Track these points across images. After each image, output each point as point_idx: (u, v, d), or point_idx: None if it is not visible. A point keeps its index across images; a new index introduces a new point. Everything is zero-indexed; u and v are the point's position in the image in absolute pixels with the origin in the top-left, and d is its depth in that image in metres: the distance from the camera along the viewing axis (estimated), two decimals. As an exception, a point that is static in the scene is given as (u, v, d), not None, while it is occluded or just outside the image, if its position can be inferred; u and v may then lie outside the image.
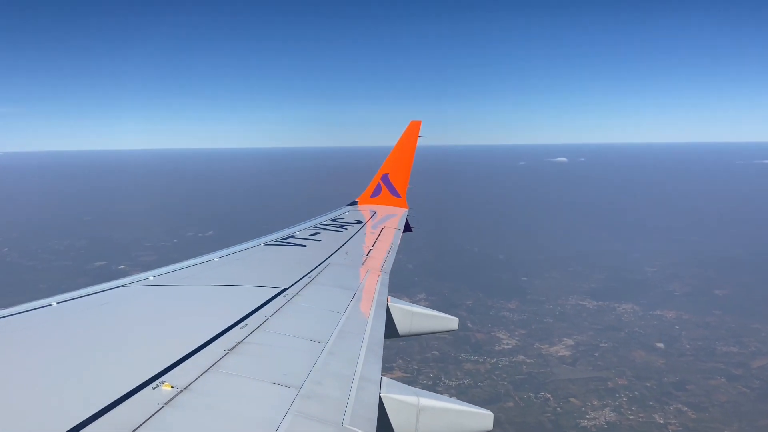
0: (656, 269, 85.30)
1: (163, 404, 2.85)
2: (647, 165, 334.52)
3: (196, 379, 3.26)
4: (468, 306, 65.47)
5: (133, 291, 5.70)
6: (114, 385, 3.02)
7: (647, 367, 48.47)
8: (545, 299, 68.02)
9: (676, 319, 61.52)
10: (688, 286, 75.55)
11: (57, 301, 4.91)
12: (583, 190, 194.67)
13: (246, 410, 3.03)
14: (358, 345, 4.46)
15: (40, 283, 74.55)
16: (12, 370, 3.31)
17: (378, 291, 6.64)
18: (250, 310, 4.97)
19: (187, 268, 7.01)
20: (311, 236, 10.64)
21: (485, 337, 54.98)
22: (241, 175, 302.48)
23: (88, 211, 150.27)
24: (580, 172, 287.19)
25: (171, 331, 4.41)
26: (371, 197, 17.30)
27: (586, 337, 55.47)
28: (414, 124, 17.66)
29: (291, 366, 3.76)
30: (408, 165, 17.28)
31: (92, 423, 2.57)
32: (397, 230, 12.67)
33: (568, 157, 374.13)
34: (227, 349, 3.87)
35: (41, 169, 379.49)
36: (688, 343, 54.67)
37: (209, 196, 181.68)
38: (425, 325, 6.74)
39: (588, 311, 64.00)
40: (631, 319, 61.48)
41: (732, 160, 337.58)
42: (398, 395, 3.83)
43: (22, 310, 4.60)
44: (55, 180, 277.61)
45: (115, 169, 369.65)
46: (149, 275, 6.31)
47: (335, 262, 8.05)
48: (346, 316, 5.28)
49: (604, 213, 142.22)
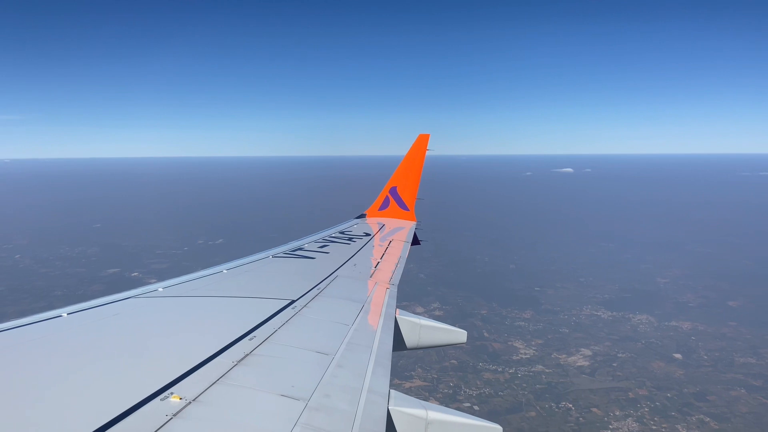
0: (668, 280, 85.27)
1: (171, 416, 2.86)
2: (652, 176, 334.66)
3: (205, 390, 3.26)
4: (483, 315, 65.51)
5: (143, 302, 5.73)
6: (123, 396, 3.04)
7: (667, 378, 48.39)
8: (559, 309, 68.00)
9: (691, 330, 61.44)
10: (702, 297, 75.46)
11: (67, 312, 4.94)
12: (590, 201, 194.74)
13: (254, 422, 3.03)
14: (366, 357, 4.44)
15: (54, 289, 74.94)
16: (23, 381, 3.30)
17: (386, 303, 6.64)
18: (258, 321, 4.98)
19: (197, 280, 7.09)
20: (319, 248, 10.76)
21: (502, 346, 54.97)
22: (250, 183, 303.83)
23: (97, 218, 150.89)
24: (586, 183, 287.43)
25: (180, 343, 4.42)
26: (379, 210, 17.39)
27: (603, 347, 55.41)
28: (422, 137, 17.65)
29: (299, 378, 3.75)
30: (416, 178, 17.38)
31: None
32: (405, 243, 12.78)
33: (574, 167, 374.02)
34: (236, 360, 3.86)
35: (47, 177, 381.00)
36: (705, 354, 54.59)
37: (219, 205, 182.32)
38: (433, 338, 6.74)
39: (603, 321, 63.95)
40: (646, 329, 61.40)
41: (737, 171, 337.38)
42: (406, 408, 3.82)
43: (32, 321, 4.62)
44: (62, 187, 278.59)
45: (123, 177, 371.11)
46: (159, 286, 6.38)
47: (343, 275, 8.12)
48: (354, 328, 5.27)
49: (612, 223, 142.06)
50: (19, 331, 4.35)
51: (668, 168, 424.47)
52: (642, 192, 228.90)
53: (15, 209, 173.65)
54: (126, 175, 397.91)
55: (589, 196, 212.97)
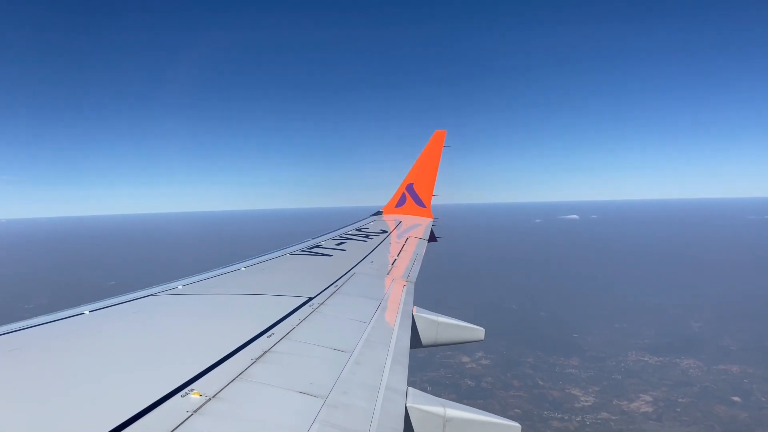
0: (702, 324, 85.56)
1: (192, 412, 2.86)
2: (658, 220, 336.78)
3: (225, 387, 3.26)
4: (531, 363, 65.53)
5: (163, 300, 5.77)
6: (145, 392, 3.04)
7: (733, 421, 48.39)
8: (605, 356, 68.07)
9: (742, 373, 61.51)
10: (740, 340, 75.63)
11: (89, 310, 4.99)
12: (601, 247, 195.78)
13: (273, 419, 3.02)
14: (384, 355, 4.41)
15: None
16: (45, 378, 3.31)
17: (403, 300, 6.59)
18: (276, 319, 4.96)
19: (216, 277, 7.15)
20: (336, 246, 10.71)
21: (561, 394, 54.92)
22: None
23: (110, 275, 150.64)
24: (594, 229, 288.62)
25: (200, 340, 4.41)
26: (396, 207, 17.35)
27: (661, 392, 55.41)
28: (438, 134, 17.51)
29: (317, 375, 3.72)
30: (433, 175, 17.21)
31: (123, 430, 2.59)
32: (423, 240, 12.68)
33: (580, 214, 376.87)
34: (254, 357, 3.85)
35: (50, 235, 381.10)
36: (763, 397, 54.60)
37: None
38: (451, 335, 6.63)
39: (652, 367, 64.01)
40: (697, 374, 61.49)
41: (743, 215, 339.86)
42: (424, 406, 3.77)
43: (55, 319, 4.67)
44: (67, 245, 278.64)
45: (127, 234, 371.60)
46: (179, 284, 6.47)
47: (361, 272, 8.05)
48: (372, 325, 5.22)
49: (628, 268, 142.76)
50: (42, 329, 4.39)
51: (671, 213, 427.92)
52: (651, 236, 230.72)
53: (29, 268, 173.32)
54: (125, 232, 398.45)
55: (600, 242, 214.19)
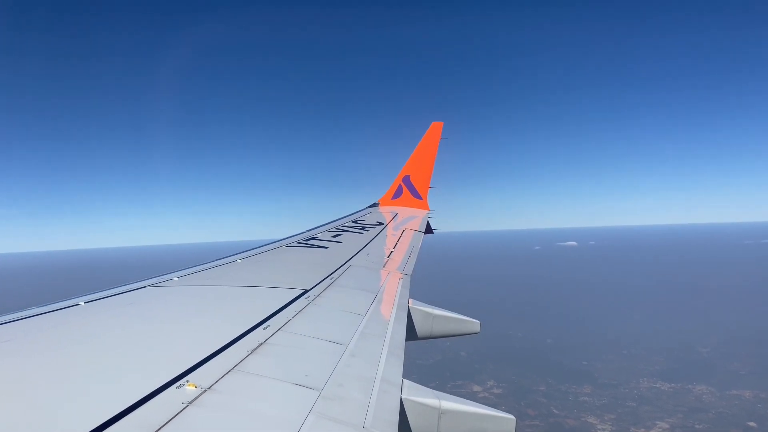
0: (709, 349, 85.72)
1: (187, 403, 2.83)
2: (654, 246, 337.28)
3: (220, 379, 3.24)
4: (543, 392, 65.37)
5: (159, 291, 5.73)
6: (139, 384, 3.02)
7: (753, 448, 48.42)
8: (617, 383, 68.01)
9: (755, 398, 61.59)
10: (749, 365, 75.75)
11: (84, 301, 4.96)
12: (602, 273, 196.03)
13: (268, 411, 3.03)
14: (380, 347, 4.40)
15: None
16: (39, 369, 3.28)
17: (399, 293, 6.58)
18: (272, 311, 4.93)
19: (211, 269, 7.10)
20: (332, 238, 10.64)
21: (577, 423, 54.80)
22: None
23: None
24: (593, 255, 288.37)
25: (195, 331, 4.39)
26: (392, 199, 17.24)
27: (677, 419, 55.39)
28: (435, 125, 17.55)
29: (313, 367, 3.72)
30: (429, 167, 17.20)
31: (118, 421, 2.56)
32: (419, 232, 12.68)
33: (578, 240, 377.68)
34: (250, 349, 3.82)
35: (45, 269, 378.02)
36: (778, 421, 54.70)
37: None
38: (446, 328, 6.61)
39: (666, 394, 64.00)
40: (711, 399, 61.52)
41: (740, 240, 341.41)
42: (420, 398, 3.78)
43: (50, 310, 4.63)
44: (68, 279, 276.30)
45: (126, 266, 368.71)
46: (174, 276, 6.38)
47: (356, 264, 8.01)
48: (368, 318, 5.21)
49: (631, 295, 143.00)
50: (37, 320, 4.36)
51: (667, 238, 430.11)
52: (647, 263, 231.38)
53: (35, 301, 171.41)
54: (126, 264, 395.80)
55: (600, 268, 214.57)
